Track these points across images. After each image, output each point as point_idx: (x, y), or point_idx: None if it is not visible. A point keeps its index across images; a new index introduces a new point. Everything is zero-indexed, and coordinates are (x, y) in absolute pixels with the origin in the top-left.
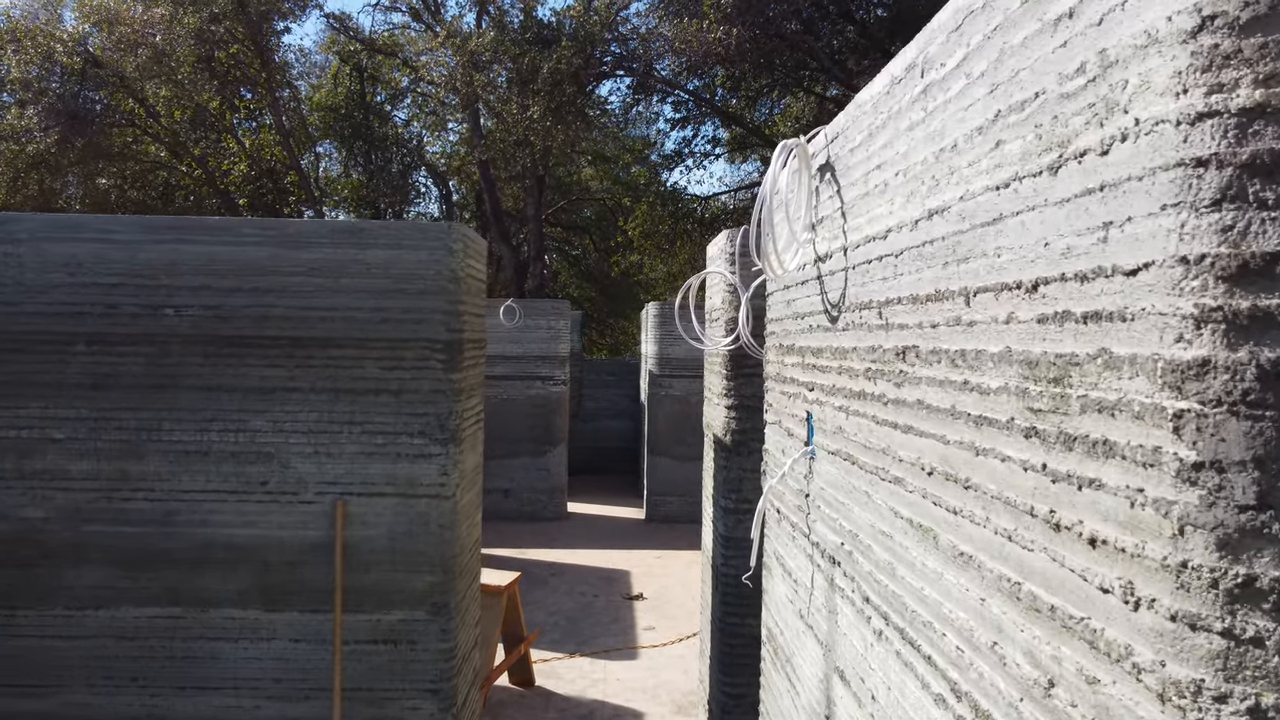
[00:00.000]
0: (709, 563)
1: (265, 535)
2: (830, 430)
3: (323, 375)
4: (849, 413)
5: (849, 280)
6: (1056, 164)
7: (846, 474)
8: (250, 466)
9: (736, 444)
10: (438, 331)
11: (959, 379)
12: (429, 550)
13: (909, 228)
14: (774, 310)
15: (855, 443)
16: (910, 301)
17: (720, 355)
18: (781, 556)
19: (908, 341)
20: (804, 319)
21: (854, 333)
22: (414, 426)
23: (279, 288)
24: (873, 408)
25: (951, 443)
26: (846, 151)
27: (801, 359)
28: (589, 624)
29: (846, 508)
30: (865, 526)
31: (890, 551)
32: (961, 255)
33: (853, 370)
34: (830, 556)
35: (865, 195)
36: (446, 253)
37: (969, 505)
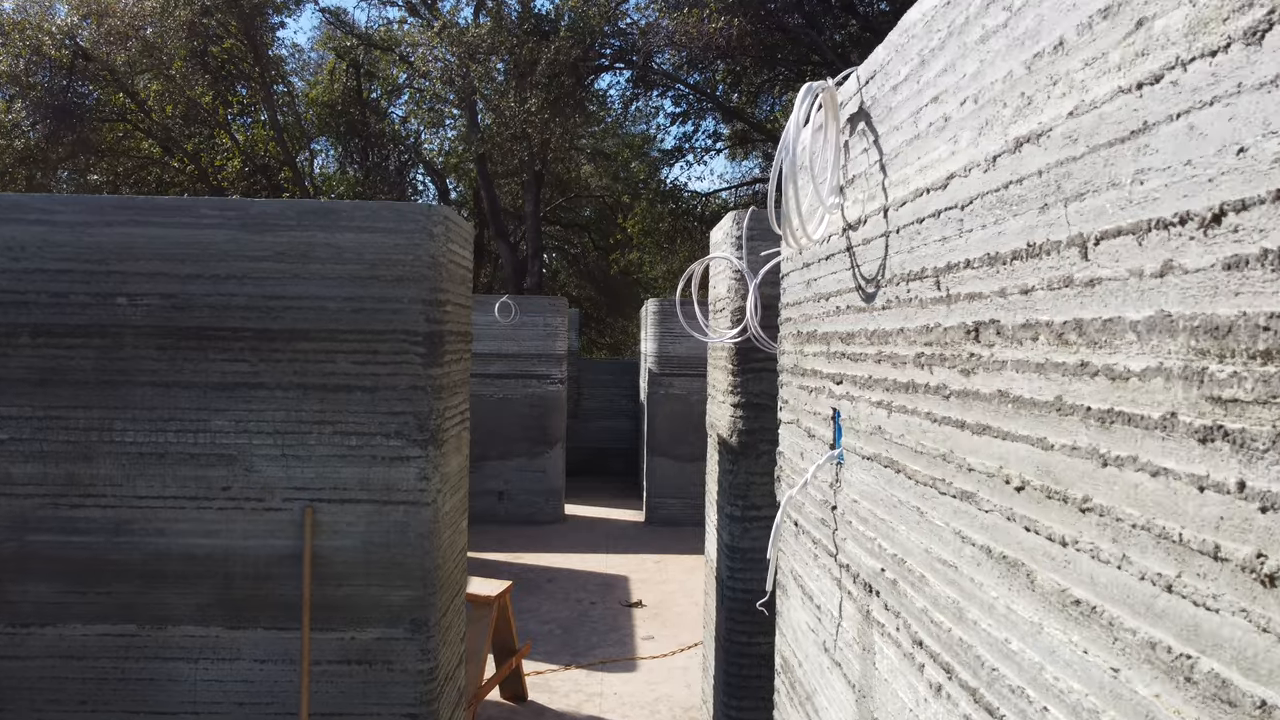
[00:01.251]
0: (713, 573)
1: (228, 545)
2: (865, 431)
3: (290, 370)
4: (892, 409)
5: (891, 247)
6: (1264, 26)
7: (888, 484)
8: (211, 470)
9: (744, 445)
10: (416, 322)
11: (1071, 360)
12: (407, 562)
13: (982, 168)
14: (791, 293)
15: (901, 446)
16: (985, 264)
17: (725, 349)
18: (800, 577)
19: (981, 316)
20: (829, 300)
21: (899, 310)
22: (390, 427)
23: (241, 274)
24: (927, 402)
25: (1056, 448)
26: (888, 90)
27: (826, 347)
28: (585, 633)
29: (888, 526)
30: (916, 551)
31: (955, 587)
32: (1073, 190)
33: (897, 357)
34: (865, 583)
35: (914, 139)
36: (426, 236)
37: (1089, 535)
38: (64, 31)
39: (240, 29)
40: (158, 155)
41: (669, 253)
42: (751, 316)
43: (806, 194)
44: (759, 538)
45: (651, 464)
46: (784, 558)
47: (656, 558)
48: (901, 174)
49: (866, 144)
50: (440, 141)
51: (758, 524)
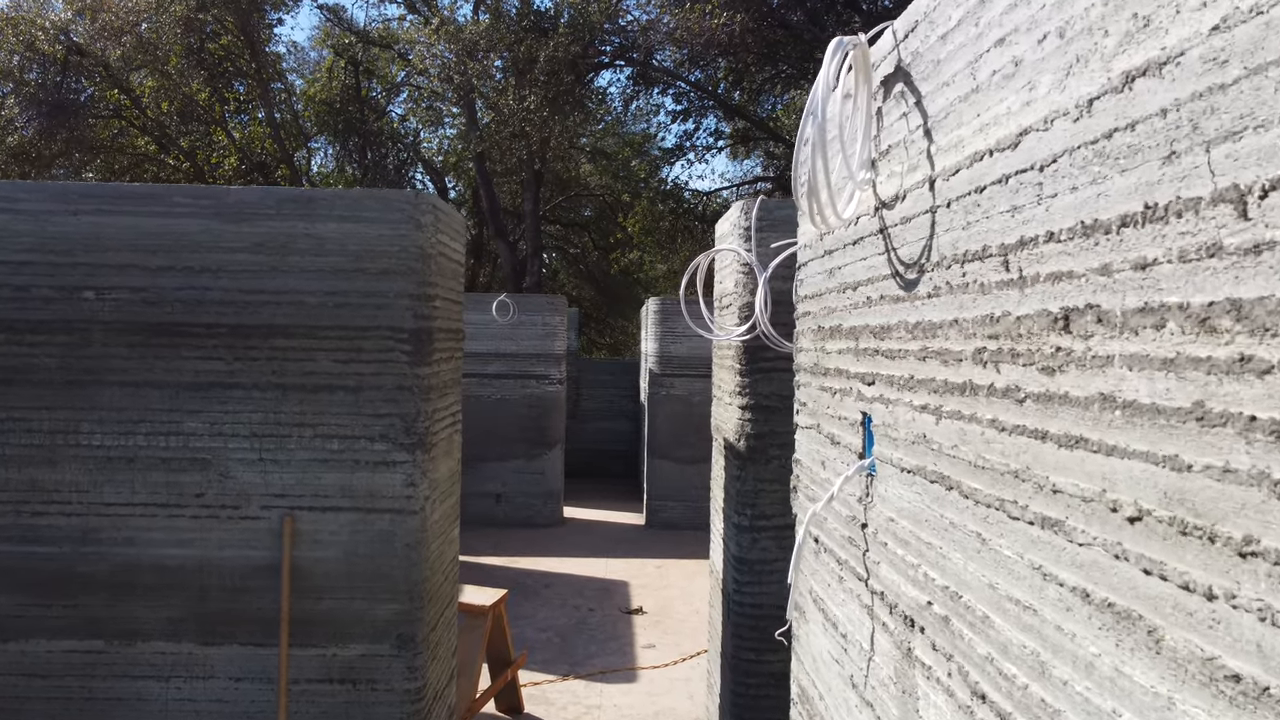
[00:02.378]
0: (719, 585)
1: (201, 556)
2: (905, 439)
3: (268, 369)
4: (941, 415)
5: (938, 224)
6: None
7: (936, 503)
8: (183, 476)
9: (752, 450)
10: (403, 318)
11: (1222, 354)
12: (393, 574)
13: (1070, 116)
14: (809, 285)
15: (955, 459)
16: (1078, 235)
17: (732, 348)
18: (822, 600)
19: (1073, 300)
20: (857, 290)
21: (950, 299)
22: (375, 430)
23: (217, 266)
24: (992, 407)
25: (1196, 469)
26: (934, 41)
27: (854, 343)
28: (584, 641)
29: (937, 552)
30: (976, 585)
31: (1034, 634)
32: (1220, 129)
33: (948, 353)
34: (906, 616)
35: (971, 94)
36: (413, 226)
37: (1256, 589)
38: (58, 27)
39: (237, 25)
40: (153, 152)
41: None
42: (761, 313)
43: (834, 168)
44: (769, 549)
45: (652, 466)
46: (801, 577)
47: (657, 562)
48: (953, 137)
49: (906, 107)
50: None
51: (767, 534)
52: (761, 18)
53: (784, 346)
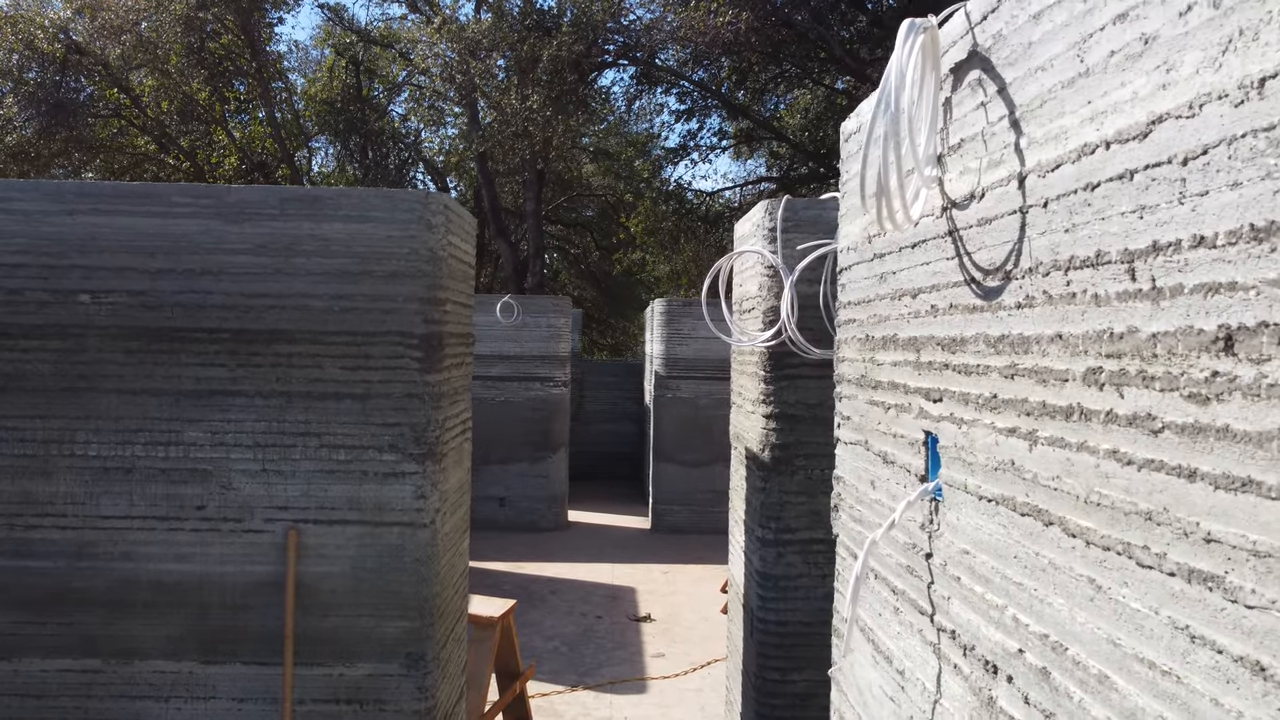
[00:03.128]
0: (739, 600)
1: (202, 571)
2: (986, 465)
3: (272, 376)
4: (1037, 441)
5: (1031, 225)
6: None
7: (1030, 539)
8: (184, 487)
9: (777, 461)
10: (412, 323)
11: None
12: (402, 590)
13: (1231, 100)
14: (854, 290)
15: (1057, 492)
16: (1243, 239)
17: (755, 354)
18: (871, 630)
19: (1238, 316)
20: (917, 297)
21: (1049, 310)
22: (383, 439)
23: (218, 269)
24: (1111, 437)
25: None
26: (1024, 22)
27: (914, 355)
28: (592, 650)
29: (1029, 594)
30: (1089, 638)
31: (1178, 707)
32: None
33: (1048, 372)
34: (988, 662)
35: (1078, 79)
36: (423, 227)
37: None
38: (57, 25)
39: (237, 24)
40: (153, 152)
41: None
42: (788, 317)
43: (909, 162)
44: (794, 564)
45: (658, 469)
46: (841, 599)
47: (664, 568)
48: (1052, 128)
49: (984, 96)
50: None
51: (793, 549)
52: (765, 16)
53: (812, 353)
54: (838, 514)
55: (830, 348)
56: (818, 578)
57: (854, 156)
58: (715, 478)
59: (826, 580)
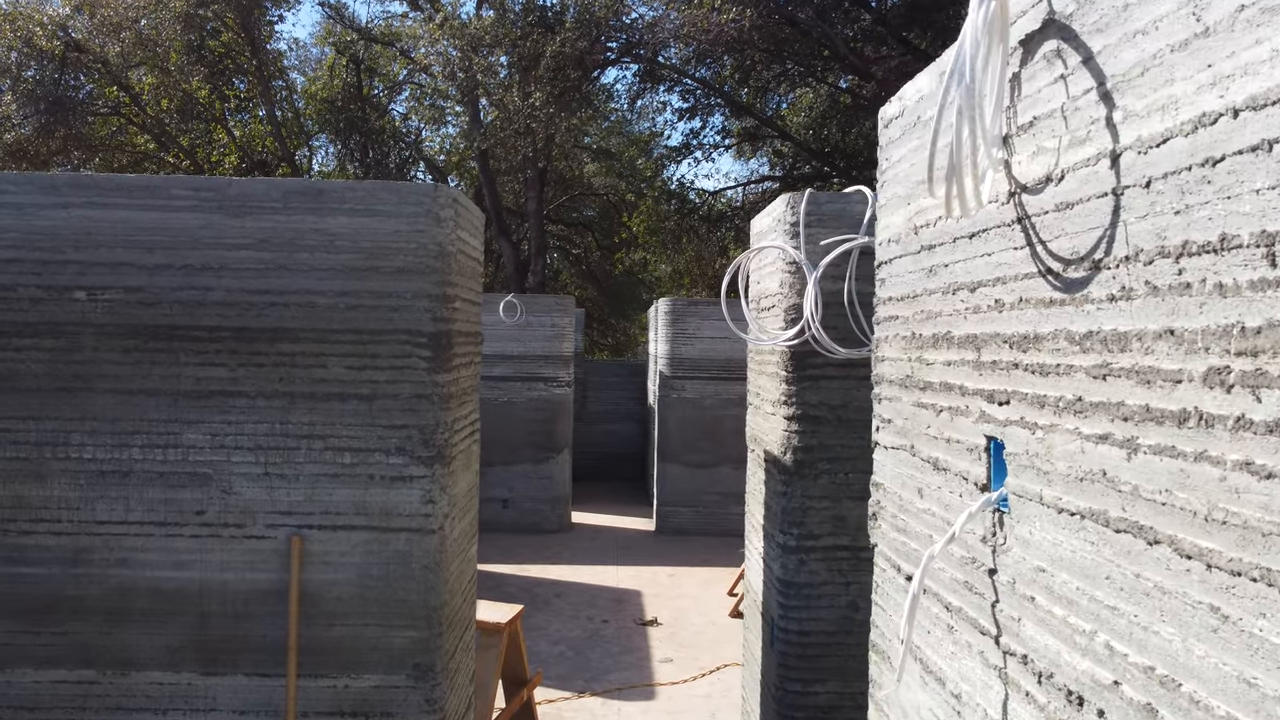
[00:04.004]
0: (757, 608)
1: (202, 578)
2: (1067, 474)
3: (274, 376)
4: (1137, 448)
5: (1127, 209)
6: None
7: (1127, 559)
8: (182, 492)
9: (799, 465)
10: (421, 321)
11: None
12: (410, 598)
13: None
14: (896, 285)
15: (1167, 508)
16: None
17: (775, 353)
18: (918, 648)
19: None
20: (976, 291)
21: (1154, 302)
22: (390, 442)
23: (218, 265)
24: (1241, 446)
25: None
26: None
27: (973, 354)
28: (598, 655)
29: (1127, 620)
30: (1211, 675)
31: None
32: None
33: (1152, 372)
34: (1068, 690)
35: (1195, 39)
36: (432, 221)
37: None
38: (56, 22)
39: (237, 22)
40: (153, 150)
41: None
42: (811, 316)
43: (965, 141)
44: (817, 572)
45: (662, 471)
46: (882, 613)
47: (669, 570)
48: (1157, 99)
49: (1063, 69)
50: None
51: (816, 556)
52: (768, 14)
53: (837, 352)
54: (877, 523)
55: (855, 346)
56: (841, 585)
57: (896, 142)
58: (721, 479)
59: (850, 588)
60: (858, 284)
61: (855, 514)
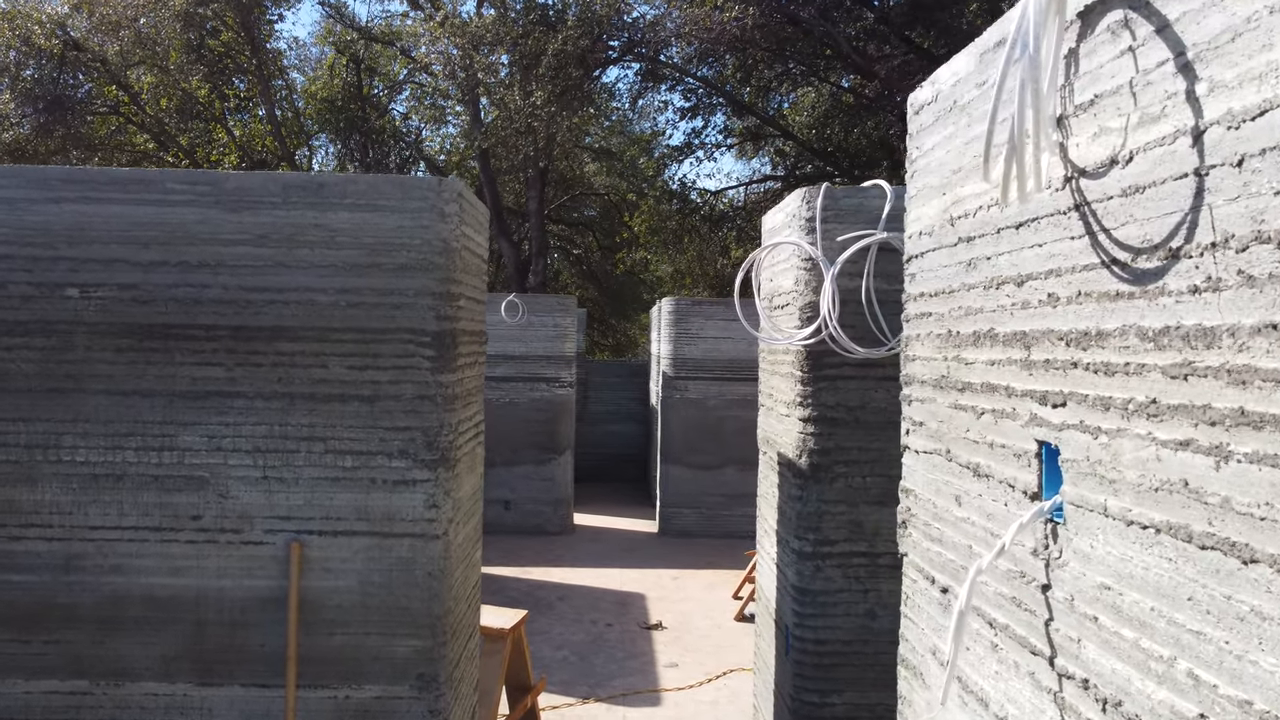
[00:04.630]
0: (770, 615)
1: (198, 586)
2: (1138, 484)
3: (273, 376)
4: (1228, 457)
5: (1212, 191)
6: None
7: (1215, 579)
8: (178, 496)
9: (815, 468)
10: (424, 319)
11: None
12: (413, 606)
13: None
14: (928, 280)
15: (1266, 523)
16: None
17: (790, 353)
18: (959, 668)
19: None
20: (1024, 285)
21: (1251, 294)
22: (393, 444)
23: (215, 261)
24: None
25: None
26: None
27: (1022, 353)
28: (603, 660)
29: (1219, 648)
30: None
31: None
32: None
33: (1249, 372)
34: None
35: None
36: (436, 216)
37: None
38: (54, 21)
39: (237, 21)
40: (152, 150)
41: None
42: (828, 314)
43: (1028, 117)
44: (834, 579)
45: (665, 472)
46: (912, 627)
47: (673, 573)
48: (1250, 67)
49: (1130, 41)
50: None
51: (832, 562)
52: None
53: (855, 352)
54: (907, 531)
55: (874, 346)
56: (859, 593)
57: (929, 129)
58: (725, 481)
59: (868, 596)
60: (876, 281)
61: (872, 519)
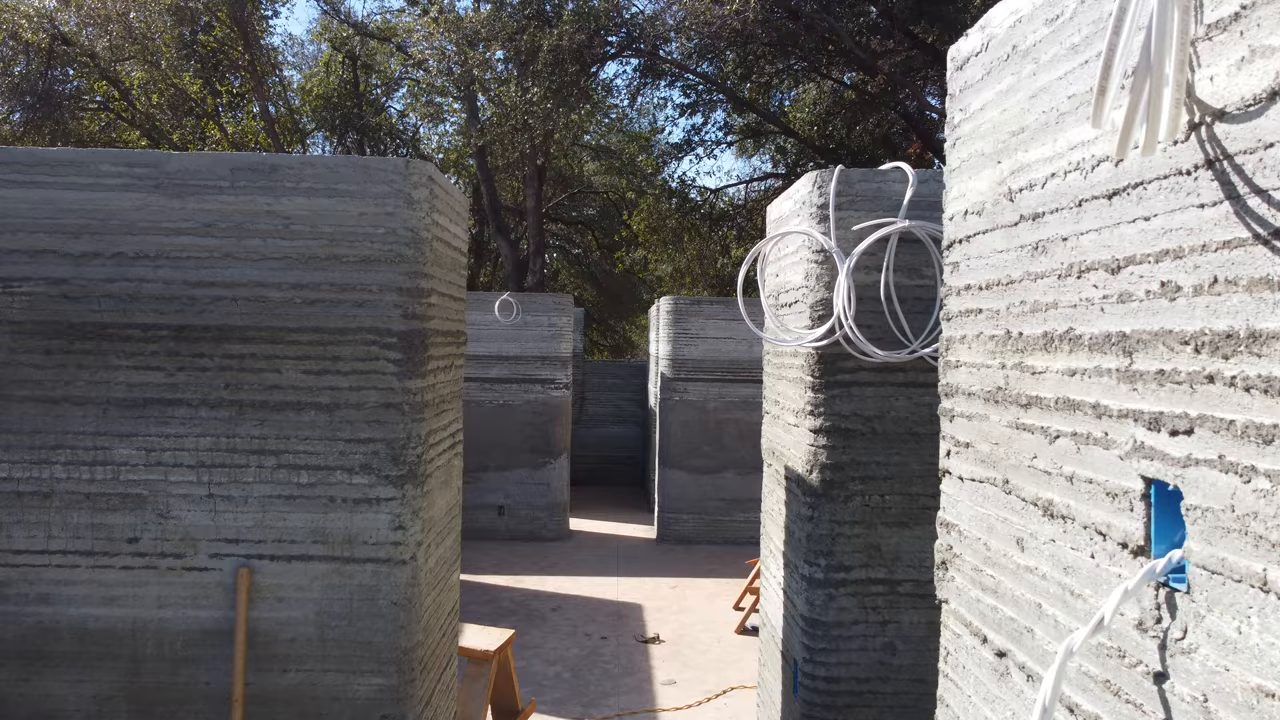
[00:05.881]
0: (776, 645)
1: (135, 617)
2: None
3: (219, 382)
4: None
5: None
6: None
7: None
8: (113, 516)
9: (828, 485)
10: (389, 318)
11: None
12: (376, 639)
13: None
14: (976, 270)
15: None
16: None
17: (798, 356)
18: None
19: None
20: (1122, 273)
21: None
22: (354, 458)
23: (155, 252)
24: None
25: None
26: None
27: (1121, 361)
28: (597, 676)
29: None
30: None
31: None
32: None
33: None
34: None
35: None
36: (403, 202)
37: None
38: (42, 14)
39: (229, 15)
40: (144, 147)
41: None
42: (843, 312)
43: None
44: (849, 609)
45: (664, 476)
46: (955, 692)
47: (672, 581)
48: None
49: None
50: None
51: (846, 590)
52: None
53: (874, 355)
54: (948, 574)
55: (894, 348)
56: (876, 625)
57: (977, 85)
58: (725, 485)
59: (887, 629)
60: (896, 275)
61: (892, 541)
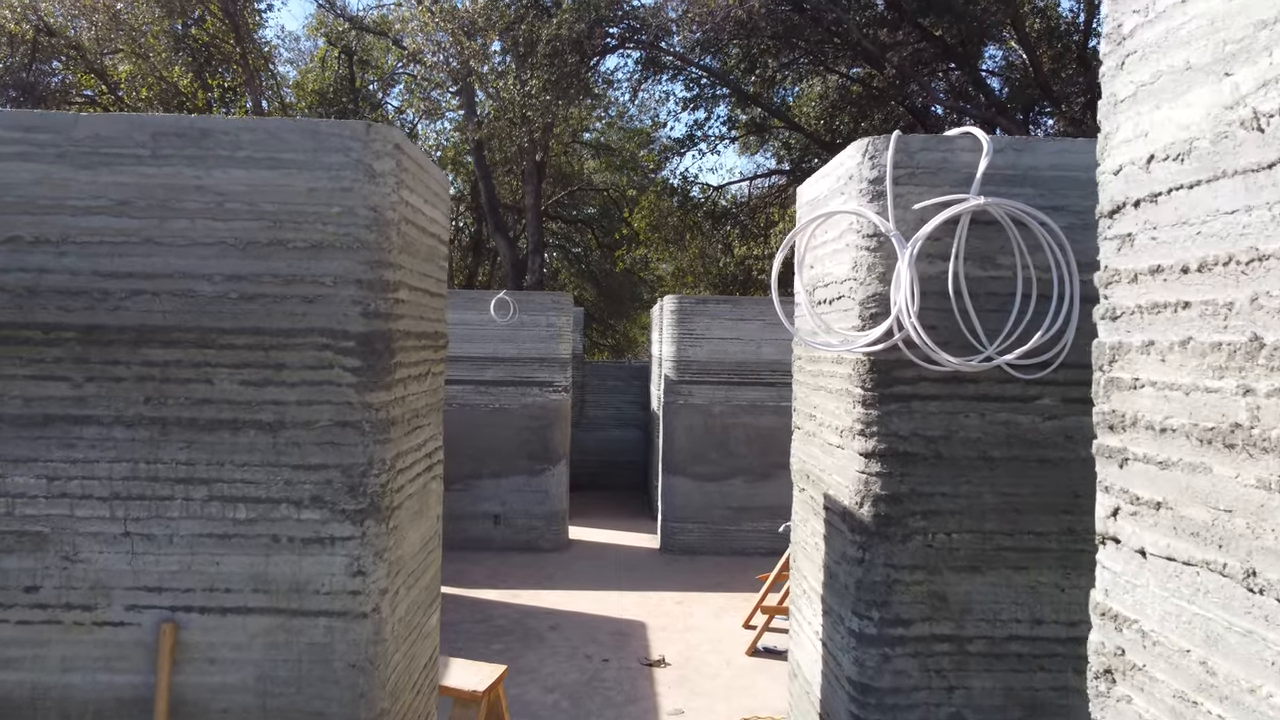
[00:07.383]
0: (813, 708)
1: (34, 682)
2: None
3: (138, 395)
4: None
5: None
6: None
7: None
8: (6, 559)
9: (882, 521)
10: (346, 317)
11: None
12: (331, 709)
13: None
14: (1168, 245)
15: None
16: None
17: (844, 363)
18: None
19: None
20: None
21: None
22: (303, 489)
23: (59, 236)
24: None
25: None
26: None
27: None
28: (598, 705)
29: None
30: None
31: None
32: None
33: None
34: None
35: None
36: (363, 175)
37: None
38: (26, 4)
39: (220, 7)
40: None
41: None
42: (905, 309)
43: None
44: (908, 672)
45: (667, 483)
46: None
47: (677, 596)
48: None
49: None
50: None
51: (904, 649)
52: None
53: (944, 362)
54: (1114, 691)
55: (968, 353)
56: (941, 692)
57: None
58: (732, 493)
59: (954, 696)
60: (967, 265)
61: (960, 590)
